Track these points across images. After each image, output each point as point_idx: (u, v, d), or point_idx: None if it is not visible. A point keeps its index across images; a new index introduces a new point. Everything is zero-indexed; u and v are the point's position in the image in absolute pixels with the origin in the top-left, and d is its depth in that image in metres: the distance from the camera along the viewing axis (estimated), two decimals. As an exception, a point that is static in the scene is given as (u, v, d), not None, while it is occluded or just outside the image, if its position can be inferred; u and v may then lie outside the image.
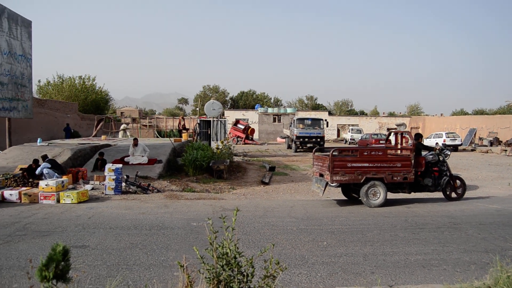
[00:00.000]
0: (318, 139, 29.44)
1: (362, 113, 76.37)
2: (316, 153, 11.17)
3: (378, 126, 53.26)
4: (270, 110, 55.28)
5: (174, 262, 5.38)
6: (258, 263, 4.59)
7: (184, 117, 35.99)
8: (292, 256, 5.72)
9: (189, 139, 23.39)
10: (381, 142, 32.26)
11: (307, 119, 31.62)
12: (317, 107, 77.81)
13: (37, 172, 11.69)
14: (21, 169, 12.49)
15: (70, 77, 47.92)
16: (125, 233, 6.89)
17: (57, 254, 2.19)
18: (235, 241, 2.72)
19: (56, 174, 11.58)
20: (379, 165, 9.64)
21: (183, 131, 28.02)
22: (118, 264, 5.34)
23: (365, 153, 10.03)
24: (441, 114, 59.97)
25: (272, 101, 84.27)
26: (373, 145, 29.82)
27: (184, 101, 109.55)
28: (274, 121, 52.96)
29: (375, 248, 6.17)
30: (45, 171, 11.67)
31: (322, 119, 31.20)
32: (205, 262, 2.80)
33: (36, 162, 12.32)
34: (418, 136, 10.69)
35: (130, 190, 11.22)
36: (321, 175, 10.12)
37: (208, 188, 13.08)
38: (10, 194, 9.91)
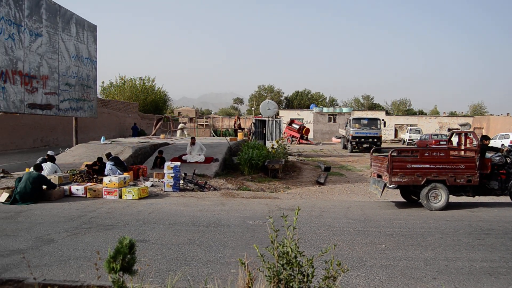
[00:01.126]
0: (375, 140, 28.75)
1: (421, 113, 73.72)
2: (374, 154, 10.89)
3: (438, 127, 51.13)
4: (325, 109, 54.65)
5: (231, 259, 5.45)
6: (317, 264, 4.54)
7: (240, 117, 36.36)
8: (349, 257, 5.61)
9: (244, 138, 23.62)
10: (441, 143, 30.96)
11: (364, 118, 30.98)
12: (374, 107, 76.03)
13: (105, 171, 12.27)
14: (86, 165, 13.15)
15: (131, 78, 49.87)
16: (183, 229, 7.05)
17: (124, 247, 2.27)
18: (296, 241, 2.70)
19: (118, 170, 12.08)
20: (441, 166, 9.24)
21: (239, 130, 28.34)
22: (177, 259, 5.48)
23: (426, 154, 9.65)
24: (507, 114, 56.62)
25: (327, 100, 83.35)
26: (433, 146, 28.69)
27: (239, 101, 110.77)
28: (329, 120, 52.29)
29: (437, 253, 5.92)
30: (108, 167, 12.21)
31: (379, 119, 30.45)
32: (265, 260, 2.80)
33: (100, 160, 12.92)
34: (485, 138, 10.15)
35: (188, 187, 11.49)
36: (379, 176, 9.86)
37: (263, 187, 13.13)
38: (77, 189, 10.46)
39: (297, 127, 40.29)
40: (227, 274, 4.88)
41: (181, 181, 11.46)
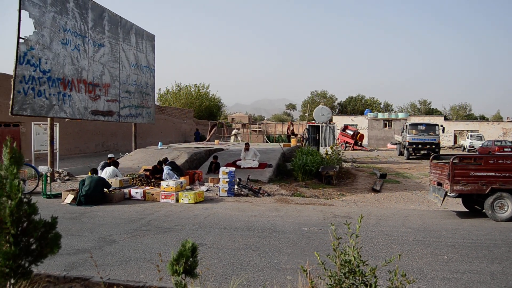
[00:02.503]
0: (433, 146, 27.71)
1: (483, 118, 70.19)
2: (434, 161, 10.48)
3: (501, 132, 48.42)
4: (380, 115, 53.37)
5: (287, 266, 5.42)
6: (379, 274, 4.42)
7: (293, 123, 36.28)
8: (409, 268, 5.41)
9: (297, 144, 23.52)
10: (505, 149, 29.32)
11: (421, 124, 29.95)
12: (431, 112, 73.35)
13: (163, 175, 12.63)
14: (144, 169, 13.61)
15: (186, 85, 51.19)
16: (239, 234, 7.11)
17: (187, 250, 2.32)
18: (358, 249, 2.64)
19: (175, 175, 12.40)
20: (507, 175, 8.73)
21: (292, 136, 28.25)
22: (233, 263, 5.52)
23: (491, 161, 9.14)
24: None
25: (382, 106, 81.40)
26: (497, 153, 27.19)
27: (292, 107, 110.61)
28: (385, 126, 51.00)
29: (505, 266, 5.58)
30: (165, 171, 12.57)
31: (437, 125, 29.34)
32: (326, 268, 2.76)
33: (160, 164, 13.30)
34: None
35: (242, 192, 11.58)
36: (439, 184, 9.47)
37: (317, 193, 12.99)
38: (136, 192, 10.84)
39: (351, 133, 39.62)
40: (284, 280, 4.86)
41: (236, 186, 11.57)
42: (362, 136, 40.94)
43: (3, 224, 2.69)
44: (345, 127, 41.47)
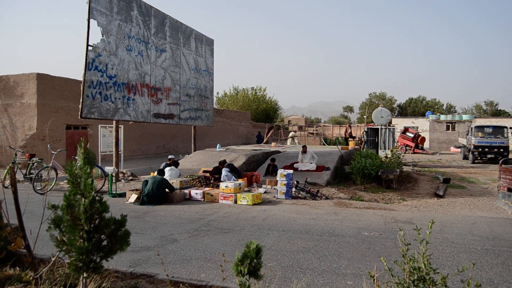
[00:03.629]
0: (501, 150, 26.13)
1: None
2: (504, 165, 9.90)
3: None
4: (442, 117, 51.11)
5: (347, 271, 5.32)
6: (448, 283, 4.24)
7: (351, 125, 35.64)
8: (478, 278, 5.13)
9: (356, 147, 23.08)
10: None
11: (488, 126, 28.35)
12: (499, 113, 69.29)
13: (221, 177, 12.86)
14: (204, 171, 13.89)
15: (243, 88, 51.79)
16: (297, 237, 7.07)
17: (251, 251, 2.33)
18: (428, 256, 2.54)
19: (233, 177, 12.56)
20: None
21: (350, 139, 27.79)
22: (292, 266, 5.49)
23: None
24: None
25: (444, 107, 78.02)
26: None
27: (349, 109, 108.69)
28: (447, 129, 48.77)
29: None
30: (224, 173, 12.77)
31: (506, 127, 27.66)
32: (393, 275, 2.67)
33: (221, 165, 13.50)
34: None
35: (300, 195, 11.53)
36: (510, 190, 8.93)
37: (377, 197, 12.66)
38: (196, 193, 11.10)
39: (412, 135, 38.27)
40: (344, 286, 4.77)
41: (294, 189, 11.54)
42: (423, 139, 39.43)
43: (78, 220, 2.85)
44: (405, 129, 40.14)
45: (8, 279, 3.74)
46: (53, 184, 12.28)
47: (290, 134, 35.76)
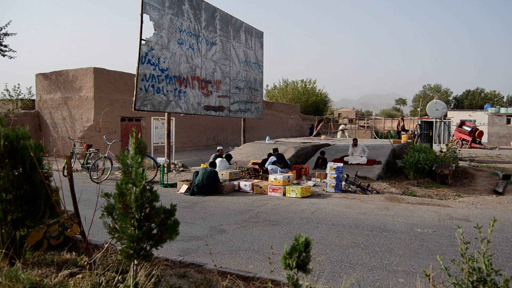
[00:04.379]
0: None
1: None
2: None
3: None
4: (503, 110, 48.41)
5: (398, 268, 5.15)
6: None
7: (403, 118, 34.58)
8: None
9: (408, 140, 22.38)
10: None
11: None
12: None
13: (266, 165, 12.88)
14: (253, 163, 13.95)
15: (293, 81, 51.49)
16: (347, 231, 6.93)
17: (300, 244, 2.29)
18: (489, 256, 2.38)
19: (279, 169, 12.52)
20: None
21: (402, 132, 26.98)
22: (341, 261, 5.39)
23: None
24: None
25: (505, 99, 73.92)
26: None
27: (402, 101, 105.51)
28: (508, 122, 46.16)
29: None
30: (269, 167, 12.77)
31: None
32: (450, 274, 2.53)
33: (269, 156, 13.53)
34: None
35: (350, 189, 11.31)
36: None
37: (431, 193, 12.20)
38: (245, 184, 11.16)
39: (469, 129, 36.58)
40: (395, 283, 4.62)
41: (343, 182, 11.34)
42: (481, 133, 37.59)
43: (129, 209, 2.91)
44: (462, 123, 38.42)
45: (65, 263, 3.91)
46: (108, 174, 12.76)
47: (340, 127, 35.22)
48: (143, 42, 12.63)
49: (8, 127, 3.91)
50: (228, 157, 13.46)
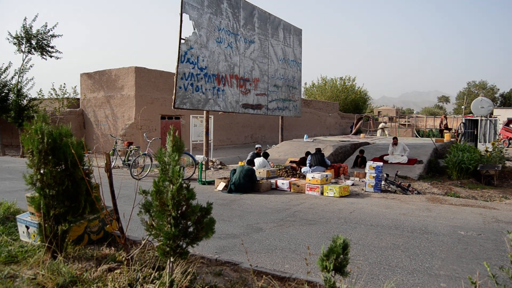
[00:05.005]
0: None
1: None
2: None
3: None
4: (555, 108, 46.10)
5: (440, 272, 4.96)
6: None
7: (446, 116, 33.48)
8: None
9: (451, 139, 21.65)
10: None
11: None
12: None
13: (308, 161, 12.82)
14: (291, 161, 13.88)
15: (332, 78, 50.92)
16: (386, 233, 6.76)
17: (338, 246, 2.23)
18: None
19: (309, 169, 12.42)
20: None
21: (445, 131, 26.13)
22: (379, 263, 5.26)
23: None
24: None
25: (558, 97, 70.29)
26: None
27: (445, 99, 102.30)
28: (561, 121, 43.87)
29: None
30: (304, 169, 12.68)
31: None
32: (498, 283, 2.40)
33: (308, 154, 13.44)
34: None
35: (390, 189, 11.05)
36: None
37: (475, 194, 11.74)
38: (282, 183, 11.11)
39: (517, 128, 35.03)
40: (436, 287, 4.46)
41: (383, 182, 11.09)
42: (530, 132, 35.90)
43: (165, 206, 2.93)
44: (509, 121, 36.81)
45: (104, 258, 4.00)
46: (148, 171, 13.03)
47: (380, 125, 34.53)
48: (182, 41, 12.79)
49: (53, 125, 4.04)
50: (265, 156, 13.43)
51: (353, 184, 11.73)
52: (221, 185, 10.95)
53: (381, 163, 11.26)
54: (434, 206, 9.24)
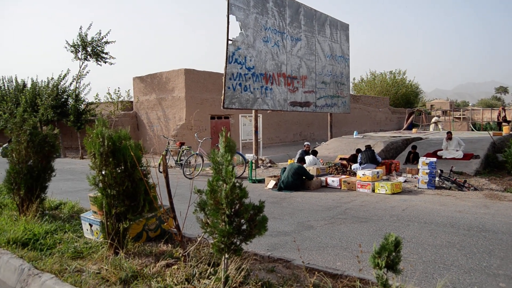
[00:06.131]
0: None
1: None
2: None
3: None
4: None
5: (499, 271, 4.81)
6: None
7: (505, 108, 31.89)
8: None
9: (510, 132, 20.62)
10: None
11: None
12: None
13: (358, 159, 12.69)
14: (340, 158, 13.77)
15: (381, 73, 49.82)
16: (441, 230, 6.60)
17: (390, 244, 2.25)
18: None
19: (359, 166, 12.26)
20: None
21: (504, 123, 24.92)
22: (434, 261, 5.16)
23: None
24: None
25: None
26: None
27: (503, 90, 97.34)
28: None
29: None
30: (354, 166, 12.53)
31: None
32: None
33: (358, 152, 13.29)
34: None
35: (444, 185, 10.72)
36: None
37: (538, 190, 11.17)
38: (333, 180, 11.07)
39: None
40: (495, 287, 4.33)
41: (437, 178, 10.78)
42: None
43: (219, 205, 3.06)
44: None
45: (161, 254, 4.20)
46: (199, 170, 13.36)
47: (433, 120, 33.42)
48: (229, 42, 13.01)
49: (111, 129, 4.28)
50: (314, 153, 13.40)
51: (405, 181, 11.48)
52: (271, 183, 11.05)
53: (434, 159, 10.95)
54: (492, 203, 8.88)
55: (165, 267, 3.83)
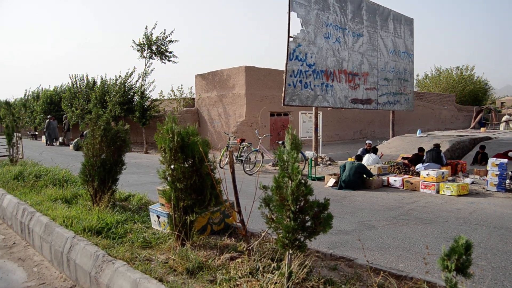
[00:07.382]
0: None
1: None
2: None
3: None
4: None
5: None
6: None
7: None
8: None
9: None
10: None
11: None
12: None
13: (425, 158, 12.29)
14: (403, 157, 13.40)
15: (447, 69, 47.72)
16: (512, 235, 6.29)
17: (460, 246, 2.21)
18: None
19: (423, 166, 11.83)
20: None
21: None
22: (504, 268, 4.93)
23: None
24: None
25: None
26: None
27: None
28: None
29: None
30: (418, 165, 12.12)
31: None
32: None
33: (421, 151, 12.88)
34: None
35: (516, 188, 10.16)
36: None
37: None
38: (395, 180, 10.81)
39: None
40: None
41: (508, 180, 10.22)
42: None
43: (285, 201, 3.12)
44: None
45: (225, 247, 4.33)
46: (259, 166, 13.52)
47: (504, 118, 31.58)
48: (290, 39, 13.02)
49: (179, 125, 4.47)
50: (374, 151, 13.13)
51: (472, 183, 10.98)
52: (331, 181, 10.98)
53: (505, 160, 10.38)
54: None
55: (229, 260, 3.96)
